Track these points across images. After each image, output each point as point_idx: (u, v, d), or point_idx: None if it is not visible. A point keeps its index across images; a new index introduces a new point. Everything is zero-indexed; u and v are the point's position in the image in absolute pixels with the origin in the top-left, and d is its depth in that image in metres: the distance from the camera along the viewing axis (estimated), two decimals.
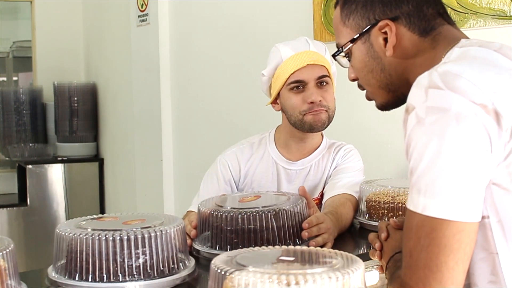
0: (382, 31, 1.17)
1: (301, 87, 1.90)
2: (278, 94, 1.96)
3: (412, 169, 1.00)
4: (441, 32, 1.16)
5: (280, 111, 2.00)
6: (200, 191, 2.01)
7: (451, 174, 0.95)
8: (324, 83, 1.92)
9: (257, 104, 3.08)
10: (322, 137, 2.05)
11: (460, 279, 0.97)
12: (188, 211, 1.93)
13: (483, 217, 1.01)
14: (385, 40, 1.17)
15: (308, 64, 1.89)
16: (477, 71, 1.00)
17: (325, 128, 1.95)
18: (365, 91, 1.28)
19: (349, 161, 2.01)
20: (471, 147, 0.95)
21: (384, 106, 1.26)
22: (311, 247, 1.13)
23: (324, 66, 1.92)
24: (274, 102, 1.99)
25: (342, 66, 1.29)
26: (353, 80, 1.28)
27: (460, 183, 0.95)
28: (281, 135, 2.02)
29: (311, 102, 1.88)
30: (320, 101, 1.89)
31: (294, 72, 1.89)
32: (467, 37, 1.16)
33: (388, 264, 1.25)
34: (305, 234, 1.53)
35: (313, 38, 2.62)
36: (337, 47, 1.25)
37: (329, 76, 1.93)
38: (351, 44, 1.21)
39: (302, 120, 1.91)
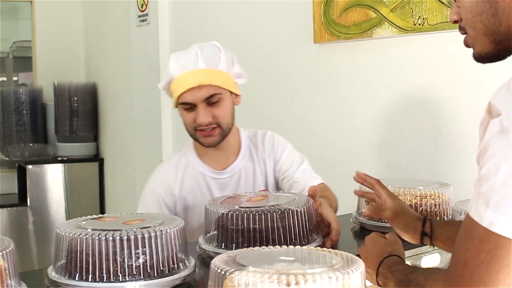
0: None
1: (190, 107, 1.86)
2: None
3: (483, 177, 0.95)
4: None
5: None
6: None
7: None
8: (215, 101, 1.86)
9: (257, 104, 3.08)
10: (239, 133, 2.01)
11: None
12: None
13: None
14: None
15: (193, 87, 1.83)
16: None
17: (220, 142, 1.91)
18: (463, 38, 1.17)
19: (282, 150, 2.02)
20: None
21: (482, 57, 1.14)
22: (311, 247, 1.13)
23: (212, 85, 1.85)
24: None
25: (448, 3, 1.19)
26: (455, 21, 1.17)
27: None
28: (198, 146, 1.98)
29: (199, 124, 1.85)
30: (209, 121, 1.85)
31: (181, 94, 1.84)
32: None
33: (379, 269, 1.25)
34: (328, 245, 1.57)
35: (313, 38, 2.62)
36: None
37: (220, 93, 1.86)
38: None
39: (195, 135, 1.90)
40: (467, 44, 1.17)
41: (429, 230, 1.43)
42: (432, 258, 1.76)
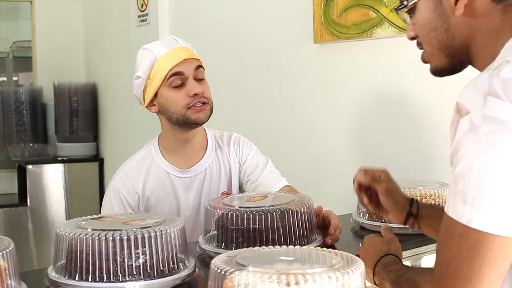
0: None
1: (181, 83, 1.87)
2: (155, 95, 1.92)
3: (458, 176, 0.96)
4: None
5: (157, 113, 1.97)
6: None
7: (501, 189, 0.92)
8: (201, 78, 1.91)
9: (257, 104, 3.08)
10: (205, 131, 2.02)
11: None
12: None
13: None
14: None
15: (184, 59, 1.87)
16: None
17: (208, 120, 1.93)
18: (422, 52, 1.23)
19: (246, 152, 2.02)
20: None
21: (439, 71, 1.20)
22: (311, 247, 1.13)
23: (198, 60, 1.93)
24: (150, 104, 1.95)
25: (404, 21, 1.24)
26: (412, 38, 1.22)
27: (510, 198, 0.92)
28: (165, 143, 1.98)
29: (195, 94, 1.86)
30: (202, 92, 1.88)
31: (173, 67, 1.86)
32: None
33: (375, 269, 1.26)
34: (330, 241, 1.58)
35: (313, 38, 2.63)
36: (401, 0, 1.20)
37: (203, 68, 1.94)
38: None
39: (185, 115, 1.87)
40: (424, 60, 1.22)
41: (416, 211, 1.45)
42: (432, 258, 1.76)
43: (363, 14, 2.40)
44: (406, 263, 1.64)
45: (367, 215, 1.92)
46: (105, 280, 1.25)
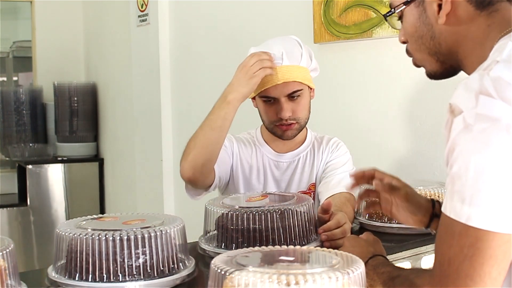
0: None
1: (272, 101, 1.91)
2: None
3: (454, 175, 0.97)
4: (499, 9, 1.10)
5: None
6: None
7: (498, 186, 0.93)
8: (296, 96, 1.91)
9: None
10: (306, 129, 2.07)
11: None
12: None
13: None
14: (439, 7, 1.12)
15: (277, 84, 1.87)
16: None
17: (296, 136, 1.98)
18: (411, 59, 1.26)
19: (337, 155, 2.04)
20: None
21: (433, 75, 1.23)
22: (311, 247, 1.13)
23: (295, 81, 1.89)
24: (253, 98, 2.01)
25: (393, 27, 1.26)
26: (403, 42, 1.25)
27: (507, 195, 0.93)
28: (264, 132, 2.06)
29: (281, 118, 1.91)
30: (290, 116, 1.90)
31: (264, 89, 1.89)
32: None
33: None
34: (324, 237, 1.56)
35: (313, 38, 2.62)
36: (390, 7, 1.22)
37: (301, 89, 1.91)
38: (404, 6, 1.18)
39: (273, 129, 1.96)
40: (416, 65, 1.25)
41: (440, 212, 1.42)
42: (432, 258, 1.75)
43: (363, 14, 2.40)
44: (406, 263, 1.65)
45: (367, 215, 1.92)
46: (105, 280, 1.25)
